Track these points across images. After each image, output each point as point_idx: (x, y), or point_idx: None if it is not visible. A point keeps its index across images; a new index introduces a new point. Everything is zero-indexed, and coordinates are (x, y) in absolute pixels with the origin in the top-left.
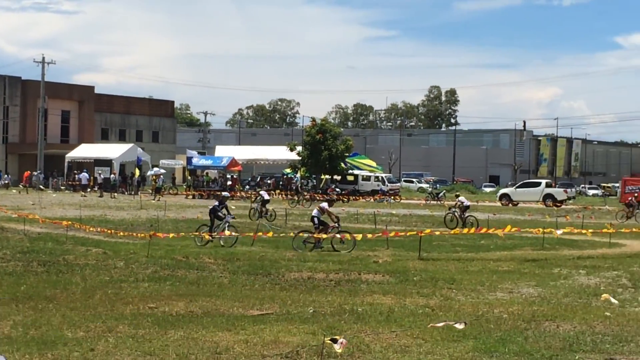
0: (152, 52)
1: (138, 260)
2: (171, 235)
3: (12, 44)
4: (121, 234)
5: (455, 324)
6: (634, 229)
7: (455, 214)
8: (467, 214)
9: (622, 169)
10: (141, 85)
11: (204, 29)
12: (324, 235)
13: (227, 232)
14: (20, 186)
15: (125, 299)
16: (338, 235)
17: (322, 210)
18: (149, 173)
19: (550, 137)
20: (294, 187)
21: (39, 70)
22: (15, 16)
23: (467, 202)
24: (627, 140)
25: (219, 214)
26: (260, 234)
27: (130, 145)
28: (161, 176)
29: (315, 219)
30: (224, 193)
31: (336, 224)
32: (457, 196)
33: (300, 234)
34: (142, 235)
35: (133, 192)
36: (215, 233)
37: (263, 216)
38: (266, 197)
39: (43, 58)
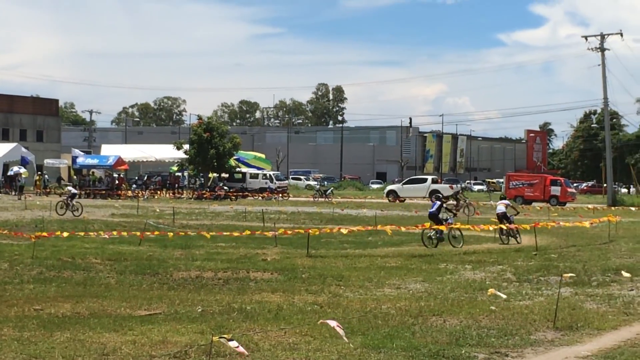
0: (35, 49)
1: (23, 262)
2: (58, 233)
3: None
4: (5, 233)
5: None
6: (521, 225)
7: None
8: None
9: (507, 165)
10: (25, 84)
11: (89, 26)
12: (444, 228)
13: None
14: None
15: (9, 301)
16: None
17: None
18: (9, 173)
19: (435, 134)
20: (179, 186)
21: None
22: None
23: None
24: (510, 136)
25: None
26: (148, 233)
27: (14, 144)
28: (22, 175)
29: (435, 214)
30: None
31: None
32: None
33: (426, 230)
34: (27, 235)
35: (17, 193)
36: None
37: (70, 210)
38: (74, 191)
39: None
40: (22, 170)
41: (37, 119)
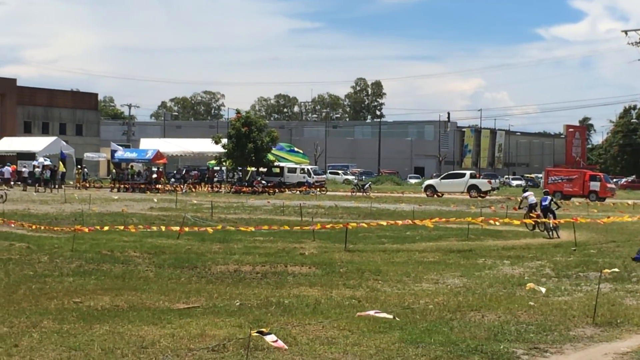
0: (74, 44)
1: (62, 255)
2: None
3: None
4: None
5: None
6: (561, 220)
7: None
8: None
9: (545, 160)
10: (64, 78)
11: (128, 21)
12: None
13: None
14: None
15: (49, 293)
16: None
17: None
18: (35, 162)
19: (474, 128)
20: (217, 180)
21: None
22: None
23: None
24: (549, 131)
25: None
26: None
27: (53, 138)
28: (40, 167)
29: (549, 207)
30: None
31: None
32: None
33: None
34: (67, 229)
35: (57, 186)
36: None
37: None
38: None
39: None
40: (47, 162)
41: (77, 113)
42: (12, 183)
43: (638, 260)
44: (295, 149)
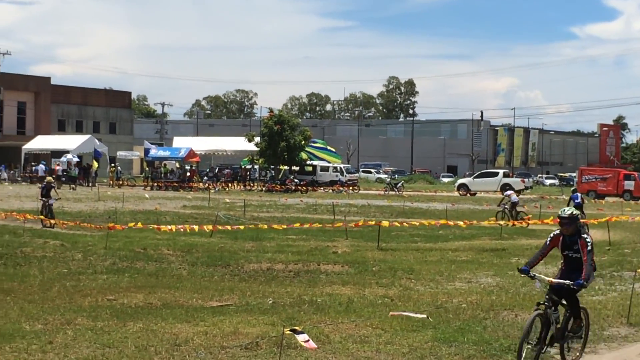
0: (108, 43)
1: (96, 252)
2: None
3: None
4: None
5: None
6: (593, 220)
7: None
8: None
9: (579, 159)
10: (98, 77)
11: (160, 20)
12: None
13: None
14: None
15: (83, 291)
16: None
17: None
18: (61, 159)
19: (507, 127)
20: (250, 178)
21: None
22: None
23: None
24: (583, 130)
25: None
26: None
27: (87, 136)
28: (73, 164)
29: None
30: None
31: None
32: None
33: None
34: (100, 226)
35: (91, 184)
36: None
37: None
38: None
39: None
40: (76, 159)
41: (110, 111)
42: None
43: None
44: (329, 147)
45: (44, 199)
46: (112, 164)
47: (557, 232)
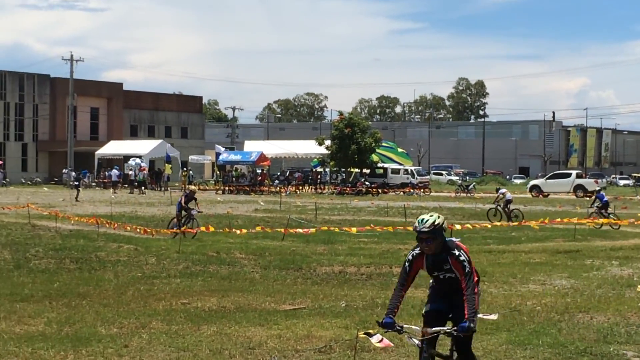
0: (179, 48)
1: (169, 256)
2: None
3: (40, 42)
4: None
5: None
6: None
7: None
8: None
9: None
10: (169, 82)
11: (230, 25)
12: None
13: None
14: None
15: (157, 295)
16: None
17: None
18: (129, 163)
19: (579, 128)
20: (321, 181)
21: (67, 68)
22: (43, 14)
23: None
24: None
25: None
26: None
27: (159, 141)
28: (142, 170)
29: None
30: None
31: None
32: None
33: None
34: (173, 231)
35: (163, 188)
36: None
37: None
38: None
39: (71, 55)
40: (143, 164)
41: (182, 116)
42: (119, 185)
43: None
44: (399, 150)
45: (185, 205)
46: (184, 169)
47: (418, 251)
